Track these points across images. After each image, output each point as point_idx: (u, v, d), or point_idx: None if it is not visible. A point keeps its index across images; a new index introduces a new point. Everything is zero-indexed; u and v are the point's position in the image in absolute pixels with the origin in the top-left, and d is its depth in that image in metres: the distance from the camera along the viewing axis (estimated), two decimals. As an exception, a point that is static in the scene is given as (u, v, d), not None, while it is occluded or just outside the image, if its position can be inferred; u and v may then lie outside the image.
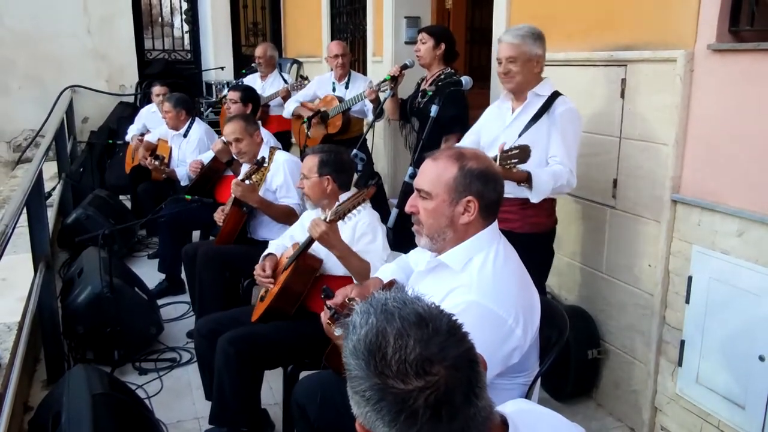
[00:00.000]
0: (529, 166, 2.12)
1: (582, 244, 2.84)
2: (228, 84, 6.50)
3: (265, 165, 3.18)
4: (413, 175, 2.68)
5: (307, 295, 2.36)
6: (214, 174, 3.88)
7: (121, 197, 5.18)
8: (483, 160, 1.55)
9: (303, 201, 3.00)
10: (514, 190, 2.27)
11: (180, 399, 2.81)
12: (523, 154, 2.01)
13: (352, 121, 4.22)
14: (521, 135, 2.35)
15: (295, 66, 6.41)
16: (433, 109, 2.93)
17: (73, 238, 3.53)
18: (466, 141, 2.64)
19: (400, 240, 2.54)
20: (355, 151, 3.17)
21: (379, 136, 4.68)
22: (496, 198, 1.54)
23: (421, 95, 3.37)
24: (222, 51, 7.52)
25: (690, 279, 2.26)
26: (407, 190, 2.54)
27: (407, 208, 1.59)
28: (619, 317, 2.65)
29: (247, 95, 4.12)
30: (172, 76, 6.94)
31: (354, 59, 5.43)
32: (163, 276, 3.95)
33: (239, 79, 5.59)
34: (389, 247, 2.34)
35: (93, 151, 5.77)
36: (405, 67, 3.50)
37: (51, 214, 4.25)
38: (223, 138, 3.44)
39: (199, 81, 7.60)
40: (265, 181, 3.20)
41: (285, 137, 4.84)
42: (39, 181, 2.88)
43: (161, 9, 7.80)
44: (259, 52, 5.09)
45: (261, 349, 2.29)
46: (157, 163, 4.33)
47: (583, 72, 2.72)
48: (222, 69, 7.30)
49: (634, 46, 2.46)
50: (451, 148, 1.59)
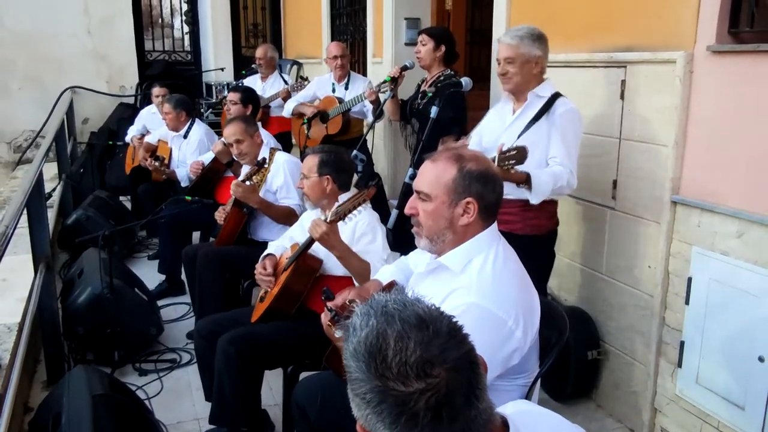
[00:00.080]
0: (528, 167, 2.13)
1: (582, 245, 2.85)
2: (228, 85, 6.50)
3: (265, 166, 3.18)
4: (413, 176, 2.67)
5: (307, 295, 2.36)
6: (214, 175, 3.88)
7: (121, 198, 5.18)
8: (482, 161, 1.55)
9: (303, 202, 3.01)
10: (515, 192, 2.26)
11: (180, 400, 2.82)
12: (520, 155, 2.01)
13: (351, 122, 4.22)
14: (520, 136, 2.34)
15: (295, 67, 6.41)
16: (433, 111, 2.93)
17: (74, 239, 3.53)
18: (470, 142, 2.64)
19: (400, 241, 2.54)
20: (355, 152, 3.17)
21: (379, 137, 4.67)
22: (496, 199, 1.54)
23: (420, 96, 3.37)
24: (222, 52, 7.52)
25: (690, 280, 2.26)
26: (407, 191, 2.53)
27: (407, 210, 1.59)
28: (618, 318, 2.65)
29: (247, 96, 4.12)
30: (173, 77, 6.95)
31: (354, 60, 5.44)
32: (163, 277, 3.95)
33: (239, 80, 5.59)
34: (389, 247, 2.34)
35: (93, 152, 5.77)
36: (405, 68, 3.50)
37: (51, 215, 4.25)
38: (223, 139, 3.44)
39: (199, 82, 7.60)
40: (266, 182, 3.20)
41: (286, 138, 4.84)
42: (39, 182, 2.88)
43: (161, 10, 7.80)
44: (259, 53, 5.09)
45: (261, 349, 2.29)
46: (157, 164, 4.33)
47: (582, 73, 2.72)
48: (222, 70, 7.29)
49: (633, 47, 2.47)
50: (450, 150, 1.59)
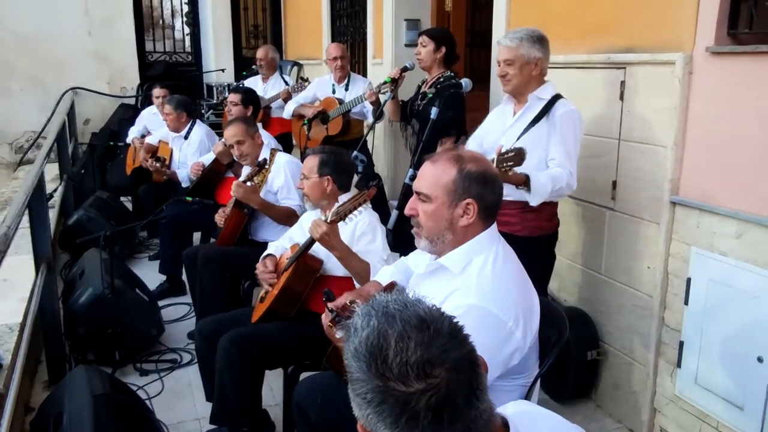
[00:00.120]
0: (527, 169, 2.13)
1: (581, 246, 2.85)
2: (229, 86, 6.50)
3: (266, 167, 3.19)
4: (413, 177, 2.67)
5: (307, 296, 2.37)
6: (215, 176, 3.89)
7: (122, 199, 5.18)
8: (482, 162, 1.55)
9: (304, 202, 3.01)
10: (515, 193, 2.27)
11: (181, 400, 2.82)
12: (518, 157, 2.02)
13: (352, 122, 4.23)
14: (519, 138, 2.35)
15: (295, 68, 6.42)
16: (433, 112, 2.94)
17: (75, 240, 3.53)
18: (472, 144, 2.64)
19: (400, 241, 2.55)
20: (355, 152, 3.18)
21: (379, 138, 4.68)
22: (495, 200, 1.54)
23: (421, 97, 3.38)
24: (223, 53, 7.53)
25: (689, 280, 2.26)
26: (407, 192, 2.54)
27: (406, 211, 1.59)
28: (618, 318, 2.66)
29: (248, 97, 4.13)
30: (173, 78, 6.95)
31: (354, 61, 5.45)
32: (164, 277, 3.96)
33: (240, 81, 5.60)
34: (389, 248, 2.35)
35: (94, 153, 5.77)
36: (405, 69, 3.50)
37: (52, 215, 4.26)
38: (224, 140, 3.45)
39: (199, 83, 7.60)
40: (266, 183, 3.21)
41: (287, 139, 4.84)
42: (41, 182, 2.88)
43: (162, 11, 7.81)
44: (260, 54, 5.10)
45: (262, 349, 2.30)
46: (158, 164, 4.34)
47: (582, 74, 2.72)
48: (223, 71, 7.30)
49: (633, 48, 2.47)
50: (449, 151, 1.60)
